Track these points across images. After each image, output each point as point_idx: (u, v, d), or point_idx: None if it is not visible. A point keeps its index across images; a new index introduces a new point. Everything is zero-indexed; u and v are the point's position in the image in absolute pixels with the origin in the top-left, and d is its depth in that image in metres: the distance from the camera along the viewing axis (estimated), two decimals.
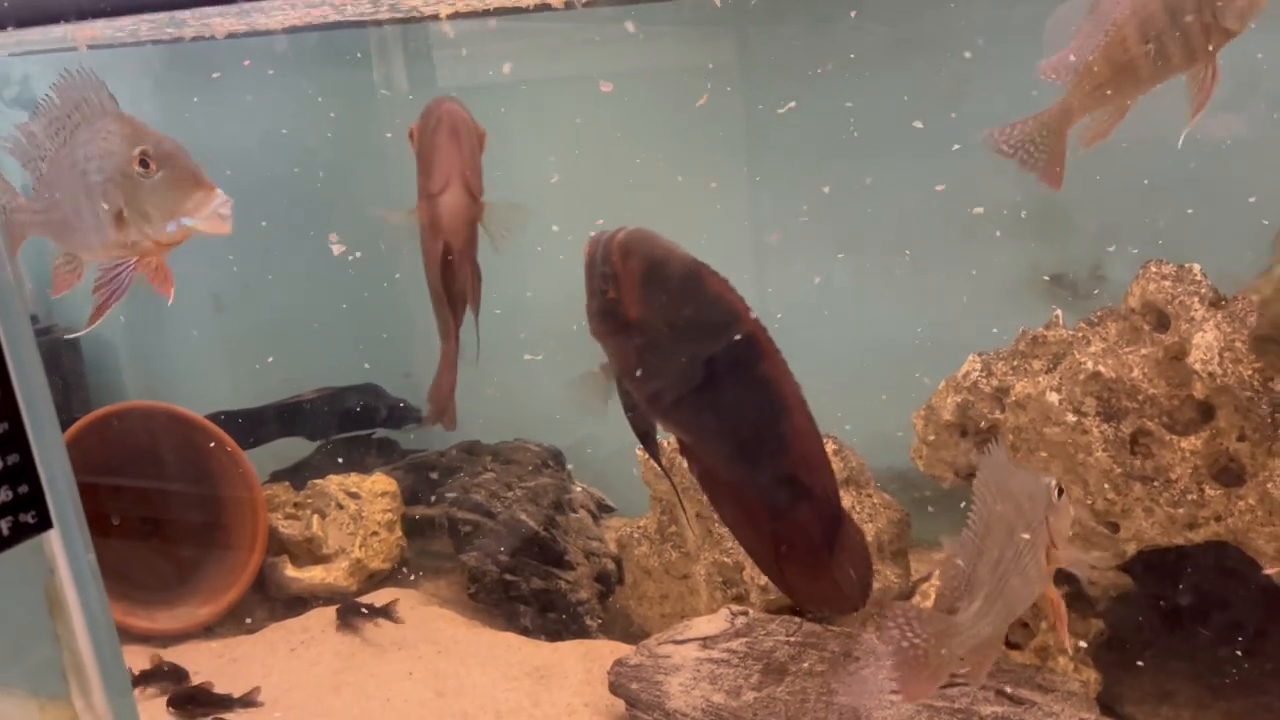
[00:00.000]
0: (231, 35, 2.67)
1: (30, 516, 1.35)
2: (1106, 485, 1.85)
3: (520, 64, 2.63)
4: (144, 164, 1.31)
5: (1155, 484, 1.82)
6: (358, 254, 2.54)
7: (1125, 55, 1.46)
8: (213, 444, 2.37)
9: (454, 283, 1.92)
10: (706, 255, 1.62)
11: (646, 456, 2.23)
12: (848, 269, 2.54)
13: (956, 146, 2.21)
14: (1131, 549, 1.86)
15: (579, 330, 2.15)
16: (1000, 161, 2.26)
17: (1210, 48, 1.41)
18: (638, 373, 1.58)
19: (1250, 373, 1.75)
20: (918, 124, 2.09)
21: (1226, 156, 2.06)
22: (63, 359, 2.84)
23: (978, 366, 2.03)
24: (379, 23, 2.59)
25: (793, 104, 2.37)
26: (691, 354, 1.55)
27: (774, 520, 1.68)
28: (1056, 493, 1.36)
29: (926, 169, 2.30)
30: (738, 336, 1.54)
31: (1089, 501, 1.87)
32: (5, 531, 1.32)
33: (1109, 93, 1.50)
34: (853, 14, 2.42)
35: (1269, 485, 1.71)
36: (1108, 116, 1.53)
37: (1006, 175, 2.29)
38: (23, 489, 1.34)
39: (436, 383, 2.07)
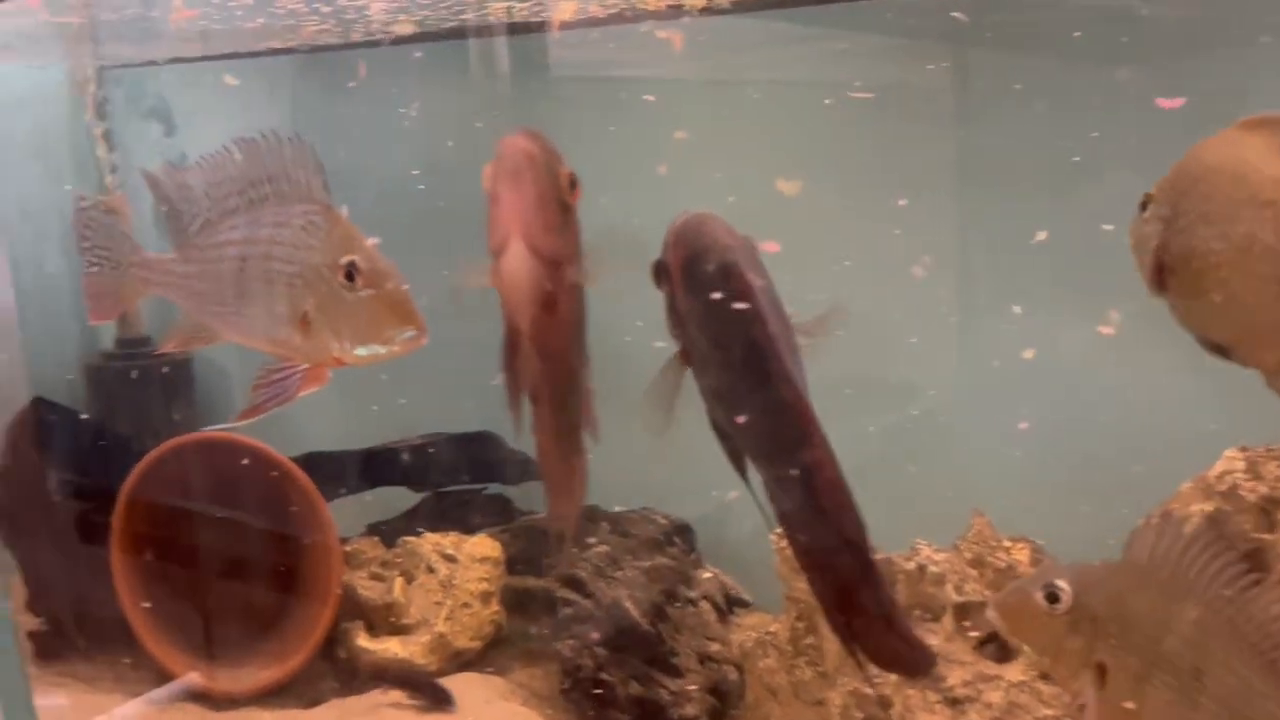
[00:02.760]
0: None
1: None
2: None
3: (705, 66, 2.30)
4: (349, 276, 1.16)
5: None
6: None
7: None
8: (288, 485, 2.09)
9: (514, 363, 1.42)
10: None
11: (784, 543, 1.78)
12: (1063, 330, 2.04)
13: None
14: None
15: None
16: None
17: None
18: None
19: None
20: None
21: None
22: (173, 382, 2.66)
23: (1239, 465, 1.49)
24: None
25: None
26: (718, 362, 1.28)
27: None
28: None
29: None
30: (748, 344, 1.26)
31: None
32: None
33: None
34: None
35: None
36: None
37: None
38: None
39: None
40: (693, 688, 1.91)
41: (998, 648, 1.67)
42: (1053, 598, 1.05)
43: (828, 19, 2.20)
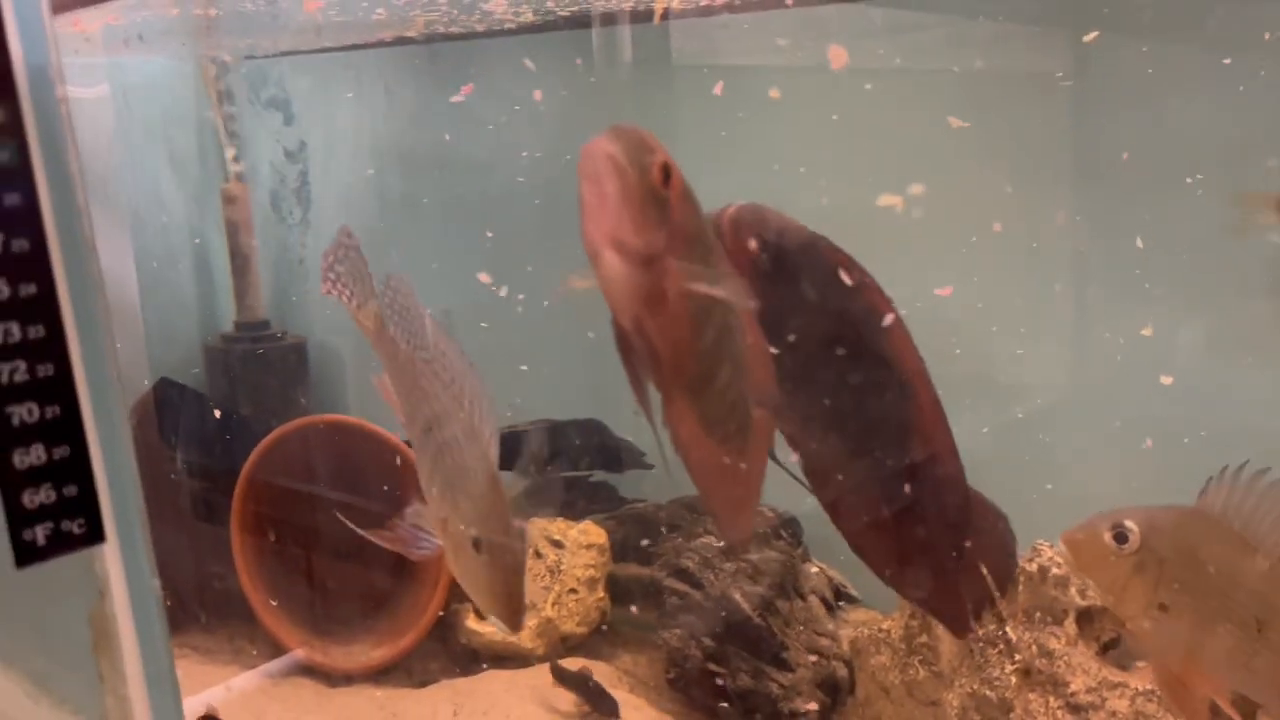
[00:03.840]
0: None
1: (77, 525, 1.08)
2: None
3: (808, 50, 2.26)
4: (476, 545, 1.25)
5: None
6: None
7: None
8: (405, 467, 2.12)
9: (631, 363, 1.38)
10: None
11: None
12: (1185, 329, 1.96)
13: None
14: None
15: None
16: None
17: None
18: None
19: None
20: None
21: None
22: (289, 365, 2.72)
23: None
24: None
25: None
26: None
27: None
28: None
29: None
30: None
31: None
32: (40, 540, 1.06)
33: None
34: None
35: None
36: None
37: None
38: (69, 490, 1.08)
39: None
40: (804, 682, 1.89)
41: (1121, 653, 1.62)
42: (1121, 537, 1.04)
43: (947, 5, 2.16)
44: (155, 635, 1.18)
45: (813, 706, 1.86)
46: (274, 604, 2.23)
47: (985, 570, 1.50)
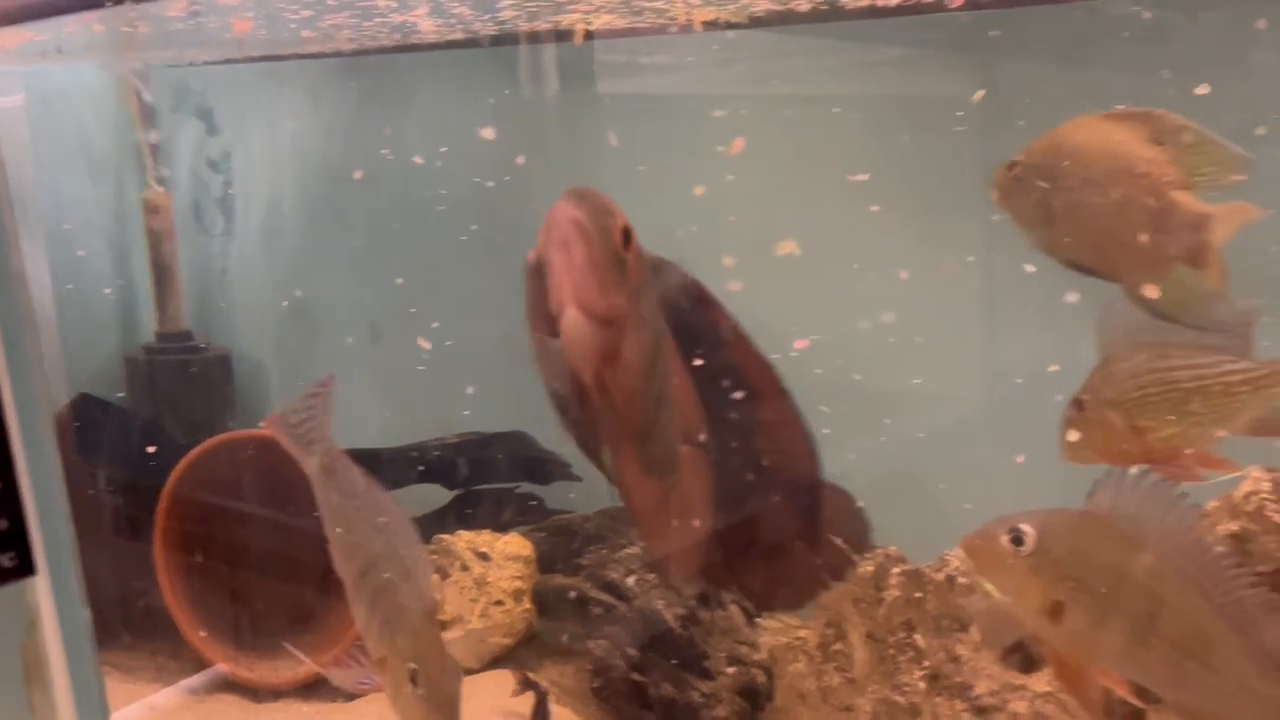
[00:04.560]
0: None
1: (8, 558, 1.10)
2: None
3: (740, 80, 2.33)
4: (413, 680, 1.30)
5: None
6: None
7: None
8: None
9: (585, 419, 1.53)
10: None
11: None
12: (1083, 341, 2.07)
13: None
14: None
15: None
16: None
17: None
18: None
19: None
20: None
21: None
22: (213, 377, 2.71)
23: (1265, 486, 1.52)
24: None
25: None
26: None
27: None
28: None
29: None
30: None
31: None
32: None
33: None
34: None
35: None
36: None
37: None
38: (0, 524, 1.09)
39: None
40: (725, 690, 1.95)
41: (1023, 658, 1.71)
42: (1017, 540, 1.10)
43: (857, 33, 2.24)
44: (86, 665, 1.19)
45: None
46: (198, 620, 2.23)
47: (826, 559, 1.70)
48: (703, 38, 2.29)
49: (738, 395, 1.62)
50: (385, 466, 2.45)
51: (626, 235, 1.36)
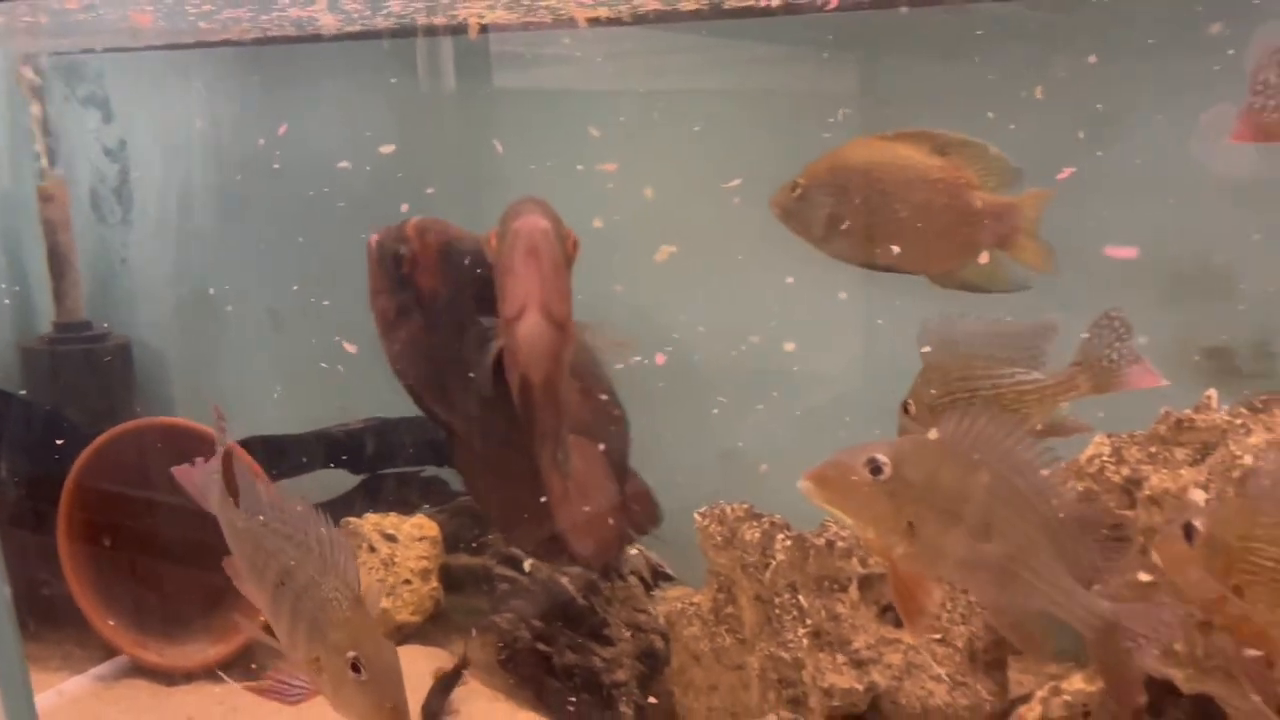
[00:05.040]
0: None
1: None
2: None
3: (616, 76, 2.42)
4: (355, 668, 1.27)
5: None
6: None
7: None
8: (235, 468, 2.18)
9: (534, 421, 1.66)
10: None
11: (706, 522, 1.94)
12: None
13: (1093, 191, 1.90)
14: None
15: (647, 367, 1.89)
16: (1157, 207, 1.95)
17: None
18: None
19: None
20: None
21: None
22: (113, 366, 2.71)
23: (1105, 451, 1.69)
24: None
25: None
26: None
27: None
28: None
29: (1071, 214, 1.98)
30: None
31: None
32: None
33: None
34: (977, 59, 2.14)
35: None
36: None
37: (1157, 226, 1.97)
38: None
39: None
40: (624, 655, 2.06)
41: (897, 615, 1.85)
42: (876, 469, 1.21)
43: (742, 30, 2.35)
44: (7, 641, 1.24)
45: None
46: (105, 609, 2.24)
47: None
48: (592, 33, 2.38)
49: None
50: (291, 453, 2.49)
51: (574, 243, 1.49)
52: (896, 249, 1.44)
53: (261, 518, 1.43)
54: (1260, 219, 1.96)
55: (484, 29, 2.40)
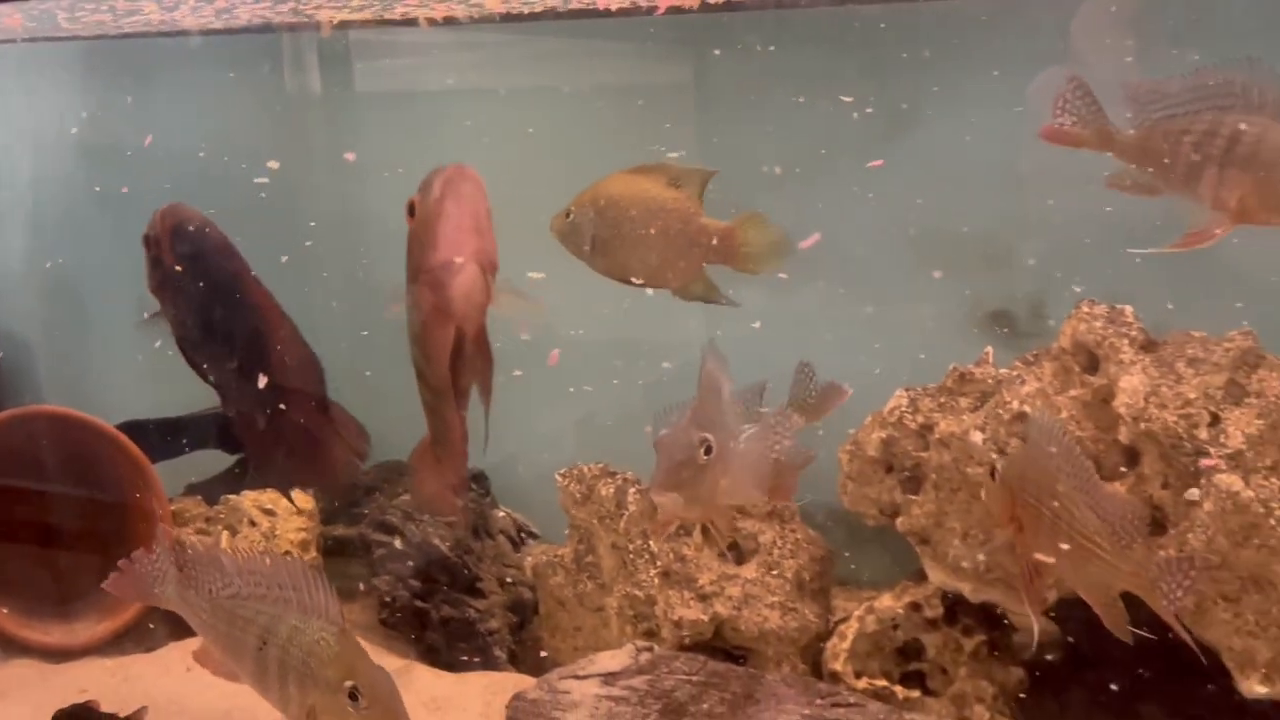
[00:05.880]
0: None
1: None
2: None
3: (461, 74, 2.59)
4: (353, 697, 1.31)
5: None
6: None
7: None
8: (117, 453, 2.28)
9: (464, 373, 1.74)
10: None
11: (566, 481, 2.16)
12: (788, 302, 2.48)
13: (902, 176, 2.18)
14: (1052, 596, 1.80)
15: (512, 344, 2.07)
16: (950, 193, 2.25)
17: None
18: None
19: (1175, 419, 1.70)
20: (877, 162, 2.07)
21: None
22: None
23: (904, 402, 1.97)
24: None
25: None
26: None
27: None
28: None
29: (874, 201, 2.26)
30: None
31: (1011, 545, 1.81)
32: None
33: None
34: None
35: (1189, 535, 1.65)
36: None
37: (953, 206, 2.27)
38: None
39: (437, 476, 1.93)
40: (496, 606, 2.27)
41: (737, 554, 2.11)
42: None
43: (590, 31, 2.55)
44: None
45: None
46: None
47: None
48: (444, 32, 2.54)
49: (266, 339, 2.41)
50: (166, 436, 2.59)
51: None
52: (641, 267, 1.71)
53: (230, 589, 1.46)
54: (1036, 202, 2.29)
55: (336, 26, 2.54)
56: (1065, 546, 1.43)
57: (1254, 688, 1.64)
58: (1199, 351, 1.76)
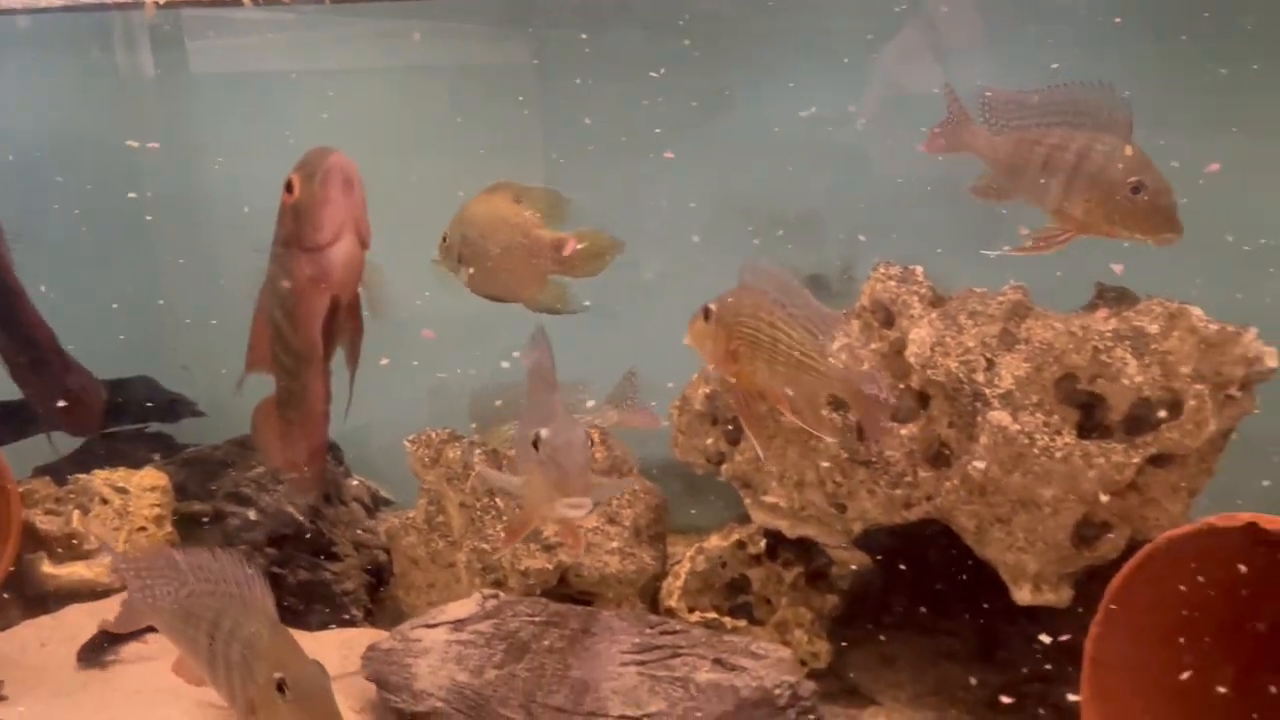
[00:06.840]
0: None
1: None
2: (835, 469, 1.99)
3: (295, 54, 2.64)
4: (280, 689, 1.37)
5: (876, 467, 1.97)
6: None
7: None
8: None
9: (333, 341, 1.81)
10: None
11: (415, 446, 2.27)
12: (626, 269, 2.63)
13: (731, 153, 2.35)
14: (858, 528, 2.01)
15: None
16: (773, 170, 2.42)
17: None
18: None
19: (956, 365, 1.91)
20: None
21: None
22: None
23: None
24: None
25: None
26: None
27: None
28: None
29: (705, 174, 2.42)
30: None
31: (821, 484, 2.01)
32: None
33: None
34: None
35: (969, 466, 1.87)
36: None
37: (774, 183, 2.46)
38: None
39: (298, 446, 1.97)
40: (351, 569, 2.37)
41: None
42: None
43: (429, 11, 2.64)
44: None
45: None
46: None
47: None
48: (280, 12, 2.59)
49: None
50: (9, 418, 2.58)
51: None
52: (496, 282, 1.85)
53: (185, 586, 1.53)
54: (845, 176, 2.49)
55: (159, 6, 2.55)
56: (781, 368, 1.63)
57: (1025, 596, 1.88)
58: (978, 305, 1.98)
